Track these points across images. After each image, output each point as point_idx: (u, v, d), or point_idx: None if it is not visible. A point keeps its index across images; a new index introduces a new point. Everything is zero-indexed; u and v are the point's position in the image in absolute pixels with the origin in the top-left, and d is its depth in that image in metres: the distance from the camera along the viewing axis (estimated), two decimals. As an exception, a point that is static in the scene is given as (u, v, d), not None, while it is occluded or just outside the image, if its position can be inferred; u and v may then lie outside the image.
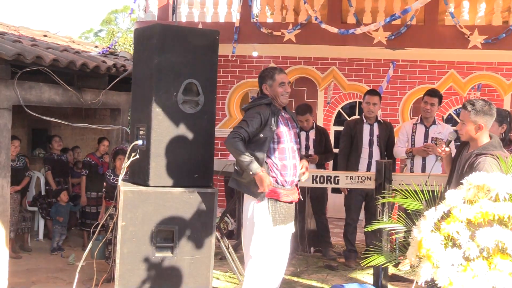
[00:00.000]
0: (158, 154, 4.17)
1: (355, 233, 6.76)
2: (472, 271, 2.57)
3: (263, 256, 4.39)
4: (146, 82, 4.25)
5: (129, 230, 4.08)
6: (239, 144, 4.24)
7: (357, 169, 6.52)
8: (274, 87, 4.49)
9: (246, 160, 4.22)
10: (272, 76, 4.51)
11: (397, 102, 9.16)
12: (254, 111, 4.37)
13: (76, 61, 6.69)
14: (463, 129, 4.12)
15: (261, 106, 4.41)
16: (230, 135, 4.28)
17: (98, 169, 7.99)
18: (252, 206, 4.40)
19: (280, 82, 4.50)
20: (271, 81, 4.50)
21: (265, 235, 4.38)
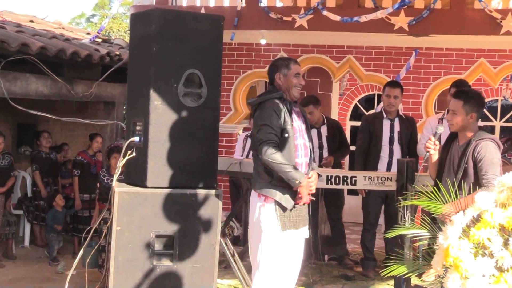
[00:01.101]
0: (156, 152, 4.17)
1: (373, 240, 6.75)
2: (506, 283, 2.56)
3: (272, 265, 4.38)
4: (144, 72, 4.25)
5: (125, 235, 4.09)
6: (277, 155, 4.25)
7: (376, 169, 6.51)
8: (289, 77, 4.51)
9: (288, 170, 4.25)
10: (287, 65, 4.54)
11: (420, 94, 9.12)
12: (268, 109, 4.37)
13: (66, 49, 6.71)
14: (454, 119, 4.39)
15: (272, 101, 4.41)
16: (265, 148, 4.26)
17: (91, 168, 8.00)
18: (258, 209, 4.41)
19: (296, 72, 4.53)
20: (286, 70, 4.52)
21: (274, 241, 4.37)
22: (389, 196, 6.34)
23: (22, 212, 8.02)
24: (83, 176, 7.96)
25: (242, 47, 9.38)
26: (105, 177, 6.89)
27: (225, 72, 9.06)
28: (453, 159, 4.47)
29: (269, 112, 4.35)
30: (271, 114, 4.34)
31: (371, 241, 6.70)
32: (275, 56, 9.25)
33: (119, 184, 4.30)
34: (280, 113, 4.36)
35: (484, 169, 4.23)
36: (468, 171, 4.33)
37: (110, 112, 8.65)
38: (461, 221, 2.83)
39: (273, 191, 4.37)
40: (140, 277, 4.12)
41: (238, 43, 9.25)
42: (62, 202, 7.73)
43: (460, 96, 4.40)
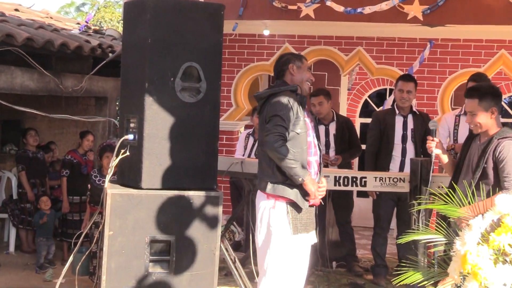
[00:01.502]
0: (152, 151, 4.17)
1: (385, 245, 6.75)
2: (527, 292, 2.56)
3: (281, 271, 4.42)
4: (138, 65, 4.25)
5: (118, 240, 4.09)
6: (283, 148, 4.29)
7: (388, 169, 6.51)
8: (303, 70, 4.60)
9: (293, 166, 4.30)
10: (300, 59, 4.65)
11: (435, 89, 9.11)
12: (282, 100, 4.37)
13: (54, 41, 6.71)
14: (475, 121, 4.28)
15: (286, 93, 4.44)
16: (271, 139, 4.29)
17: (81, 169, 8.00)
18: (268, 211, 4.43)
19: (308, 67, 4.65)
20: (300, 62, 4.62)
21: (284, 245, 4.41)
22: (401, 198, 6.34)
23: (6, 215, 8.03)
24: (72, 177, 7.95)
25: (244, 38, 9.38)
26: (97, 177, 6.90)
27: (225, 65, 9.06)
28: (472, 158, 4.44)
29: (282, 104, 4.37)
30: (284, 105, 4.36)
31: (383, 246, 6.70)
32: (279, 48, 9.26)
33: (111, 185, 4.31)
34: (294, 107, 4.38)
35: (506, 170, 4.20)
36: (487, 172, 4.31)
37: (102, 108, 8.65)
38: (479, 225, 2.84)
39: (289, 190, 4.40)
40: (134, 285, 4.12)
41: (239, 34, 9.25)
42: (48, 205, 7.70)
43: (473, 94, 4.33)
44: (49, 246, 7.59)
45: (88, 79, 7.57)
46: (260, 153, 4.62)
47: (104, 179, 6.52)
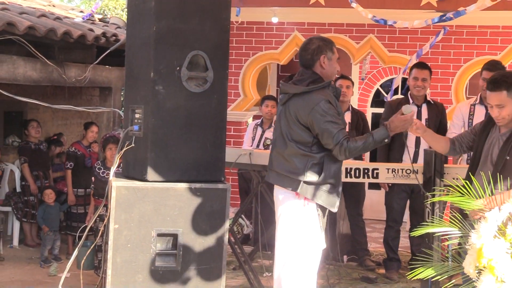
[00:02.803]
0: (157, 143, 4.17)
1: (398, 238, 6.75)
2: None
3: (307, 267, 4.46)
4: (143, 54, 4.24)
5: (123, 234, 4.10)
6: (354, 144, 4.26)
7: (401, 160, 6.50)
8: (333, 62, 4.46)
9: (370, 141, 4.31)
10: (331, 48, 4.47)
11: (449, 78, 9.09)
12: (323, 101, 4.29)
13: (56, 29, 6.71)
14: (503, 113, 4.18)
15: (324, 92, 4.37)
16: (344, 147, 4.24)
17: (86, 161, 8.02)
18: (298, 209, 4.41)
19: (338, 57, 4.51)
20: (331, 53, 4.46)
21: (314, 242, 4.44)
22: (415, 190, 6.34)
23: (10, 208, 8.06)
24: (76, 169, 7.97)
25: (252, 26, 9.37)
26: (100, 170, 6.91)
27: (233, 54, 9.07)
28: (492, 148, 4.37)
29: (327, 106, 4.29)
30: (330, 108, 4.29)
31: (395, 240, 6.71)
32: (288, 36, 9.25)
33: (116, 178, 4.31)
34: (334, 104, 4.35)
35: None
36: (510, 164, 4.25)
37: (106, 98, 8.65)
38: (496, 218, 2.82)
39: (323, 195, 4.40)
40: (140, 280, 4.13)
41: (247, 21, 9.24)
42: (52, 198, 7.72)
43: (500, 86, 4.14)
44: (54, 240, 7.62)
45: (92, 69, 7.57)
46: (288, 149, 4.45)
47: (108, 172, 6.55)
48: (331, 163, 4.36)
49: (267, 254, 6.82)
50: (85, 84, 7.68)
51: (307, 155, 4.34)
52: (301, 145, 4.35)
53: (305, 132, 4.34)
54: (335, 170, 4.40)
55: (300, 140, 4.36)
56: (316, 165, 4.34)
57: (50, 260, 7.43)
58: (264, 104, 7.79)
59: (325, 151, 4.34)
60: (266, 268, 6.36)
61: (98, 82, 8.19)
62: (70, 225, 7.92)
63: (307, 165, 4.34)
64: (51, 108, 6.66)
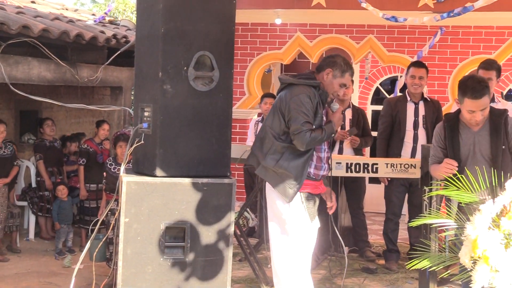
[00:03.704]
0: (166, 139, 4.17)
1: (397, 230, 6.74)
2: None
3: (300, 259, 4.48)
4: (151, 55, 4.24)
5: (133, 227, 4.10)
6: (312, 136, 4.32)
7: (400, 155, 6.50)
8: (335, 82, 4.53)
9: (324, 135, 4.38)
10: (343, 71, 4.53)
11: (446, 76, 9.07)
12: (304, 95, 4.39)
13: (69, 32, 6.72)
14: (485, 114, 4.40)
15: (309, 88, 4.44)
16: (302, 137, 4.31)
17: (97, 157, 8.03)
18: (283, 205, 4.47)
19: (343, 83, 4.55)
20: (339, 74, 4.53)
21: (303, 234, 4.49)
22: (413, 184, 6.33)
23: (26, 203, 8.08)
24: (89, 165, 7.99)
25: (256, 27, 9.35)
26: (112, 166, 6.91)
27: (238, 54, 9.06)
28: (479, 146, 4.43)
29: (304, 99, 4.38)
30: (306, 102, 4.38)
31: (394, 232, 6.70)
32: (291, 37, 9.24)
33: (127, 173, 4.31)
34: (315, 102, 4.41)
35: None
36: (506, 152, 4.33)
37: (117, 97, 8.67)
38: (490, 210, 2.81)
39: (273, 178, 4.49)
40: (150, 271, 4.14)
41: (252, 23, 9.23)
42: (65, 193, 7.74)
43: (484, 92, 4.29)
44: (68, 233, 7.65)
45: (103, 69, 7.58)
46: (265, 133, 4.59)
47: (118, 167, 6.55)
48: (293, 156, 4.42)
49: (271, 246, 6.81)
50: (97, 84, 7.69)
51: (274, 141, 4.46)
52: (274, 131, 4.48)
53: (281, 120, 4.46)
54: (296, 163, 4.42)
55: (274, 127, 4.49)
56: (278, 153, 4.44)
57: (64, 252, 7.45)
58: (263, 102, 7.82)
59: (291, 143, 4.41)
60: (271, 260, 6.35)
61: (109, 82, 8.20)
62: (83, 218, 7.94)
63: (270, 150, 4.47)
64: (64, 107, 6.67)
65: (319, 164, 4.52)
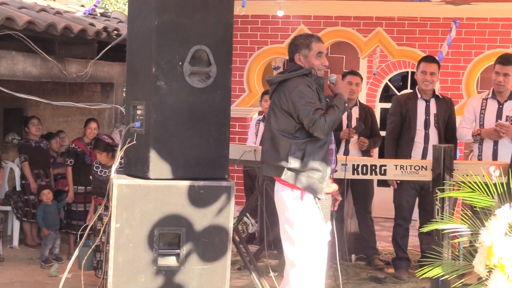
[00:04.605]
0: (160, 139, 4.17)
1: (407, 237, 6.74)
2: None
3: (314, 262, 4.52)
4: (144, 49, 4.24)
5: (125, 233, 4.10)
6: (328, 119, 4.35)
7: (410, 156, 6.49)
8: (310, 59, 4.61)
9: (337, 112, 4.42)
10: (308, 45, 4.63)
11: (460, 71, 9.05)
12: (302, 85, 4.45)
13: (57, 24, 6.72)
14: None
15: (303, 78, 4.52)
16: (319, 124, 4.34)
17: (85, 158, 8.02)
18: (295, 204, 4.50)
19: (318, 52, 4.61)
20: (307, 50, 4.62)
21: (317, 236, 4.52)
22: (424, 187, 6.32)
23: (10, 208, 8.08)
24: (77, 166, 7.98)
25: (257, 19, 9.35)
26: (98, 168, 6.89)
27: (237, 48, 9.05)
28: None
29: (304, 88, 4.45)
30: (307, 90, 4.45)
31: (404, 238, 6.69)
32: (294, 30, 9.22)
33: (118, 175, 4.32)
34: (313, 88, 4.48)
35: None
36: None
37: (108, 94, 8.68)
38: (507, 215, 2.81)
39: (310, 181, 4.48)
40: (143, 280, 4.14)
41: (252, 15, 9.22)
42: (49, 197, 7.71)
43: None
44: (55, 239, 7.63)
45: (93, 64, 7.59)
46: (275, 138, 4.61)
47: (105, 170, 6.57)
48: (315, 149, 4.46)
49: (273, 254, 6.82)
50: (86, 80, 7.70)
51: (291, 141, 4.48)
52: (286, 132, 4.50)
53: (289, 119, 4.50)
54: (319, 156, 4.47)
55: (284, 128, 4.51)
56: (299, 150, 4.46)
57: (51, 261, 7.44)
58: (263, 99, 7.83)
59: (309, 137, 4.46)
60: (272, 268, 6.35)
61: (100, 78, 8.22)
62: (70, 223, 7.92)
63: (290, 151, 4.49)
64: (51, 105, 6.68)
65: (329, 157, 4.59)
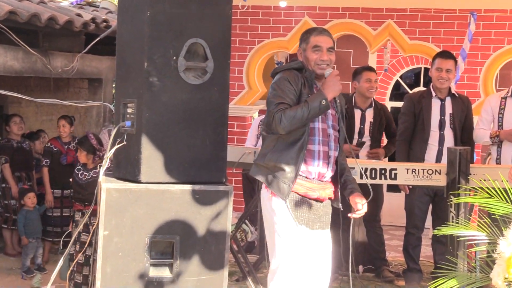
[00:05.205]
0: (152, 140, 4.18)
1: (419, 247, 6.75)
2: None
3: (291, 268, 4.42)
4: (136, 42, 4.25)
5: (114, 241, 4.11)
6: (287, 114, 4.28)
7: (423, 160, 6.50)
8: (307, 53, 4.58)
9: (303, 109, 4.28)
10: (306, 38, 4.61)
11: (477, 68, 9.07)
12: (281, 78, 4.46)
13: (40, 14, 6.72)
14: None
15: (289, 72, 4.51)
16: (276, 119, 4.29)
17: (61, 158, 7.99)
18: (269, 204, 4.48)
19: (314, 45, 4.55)
20: (305, 44, 4.61)
21: (290, 238, 4.43)
22: (438, 193, 6.32)
23: (-12, 214, 8.08)
24: (52, 167, 7.95)
25: (258, 11, 9.36)
26: (80, 171, 6.89)
27: (236, 41, 9.07)
28: None
29: (282, 82, 4.44)
30: (282, 83, 4.43)
31: (416, 248, 6.70)
32: (297, 22, 9.25)
33: (107, 178, 4.32)
34: (298, 85, 4.43)
35: None
36: None
37: (96, 91, 8.68)
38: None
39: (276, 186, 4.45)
40: (133, 293, 4.15)
41: (252, 6, 9.24)
42: (33, 202, 7.70)
43: None
44: (37, 248, 7.62)
45: (80, 58, 7.59)
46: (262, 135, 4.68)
47: (86, 173, 6.59)
48: (284, 146, 4.41)
49: (273, 264, 6.81)
50: (73, 76, 7.70)
51: (265, 136, 4.54)
52: (267, 128, 4.49)
53: None
54: (288, 154, 4.40)
55: (266, 123, 4.51)
56: (268, 146, 4.47)
57: (33, 271, 7.43)
58: None
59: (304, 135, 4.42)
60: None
61: (87, 73, 8.21)
62: (45, 229, 7.86)
63: (261, 146, 4.56)
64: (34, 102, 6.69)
65: (309, 159, 4.45)
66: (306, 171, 4.47)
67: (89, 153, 6.67)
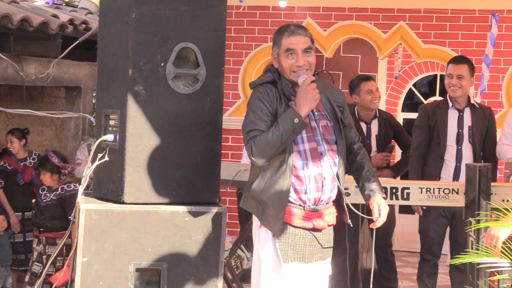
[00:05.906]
0: (137, 156, 4.19)
1: (435, 275, 6.75)
2: None
3: None
4: (119, 47, 4.27)
5: (94, 269, 4.10)
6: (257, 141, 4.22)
7: (439, 178, 6.51)
8: (280, 59, 4.41)
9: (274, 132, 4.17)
10: (278, 41, 4.43)
11: (499, 75, 9.09)
12: (253, 98, 4.39)
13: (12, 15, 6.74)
14: None
15: (260, 87, 4.41)
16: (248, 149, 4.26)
17: (18, 177, 7.95)
18: (258, 233, 4.50)
19: (286, 48, 4.38)
20: (277, 47, 4.44)
21: (274, 277, 4.40)
22: (456, 215, 6.33)
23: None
24: (8, 188, 7.90)
25: (255, 12, 9.39)
26: (43, 192, 6.88)
27: (231, 46, 9.10)
28: None
29: (253, 103, 4.37)
30: (255, 104, 4.35)
31: (432, 276, 6.70)
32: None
33: (86, 198, 4.32)
34: (271, 102, 4.33)
35: None
36: None
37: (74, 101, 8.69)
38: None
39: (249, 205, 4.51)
40: (115, 326, 4.15)
41: (249, 6, 9.26)
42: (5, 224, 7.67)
43: None
44: (6, 277, 7.61)
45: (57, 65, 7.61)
46: None
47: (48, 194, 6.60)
48: (268, 173, 4.34)
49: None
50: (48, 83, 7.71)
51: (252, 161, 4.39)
52: None
53: None
54: (271, 183, 4.33)
55: None
56: (255, 174, 4.43)
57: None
58: None
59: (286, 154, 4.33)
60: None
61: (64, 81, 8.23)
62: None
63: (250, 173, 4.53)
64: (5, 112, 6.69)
65: (299, 186, 4.35)
66: (298, 199, 4.39)
67: (53, 173, 6.70)
